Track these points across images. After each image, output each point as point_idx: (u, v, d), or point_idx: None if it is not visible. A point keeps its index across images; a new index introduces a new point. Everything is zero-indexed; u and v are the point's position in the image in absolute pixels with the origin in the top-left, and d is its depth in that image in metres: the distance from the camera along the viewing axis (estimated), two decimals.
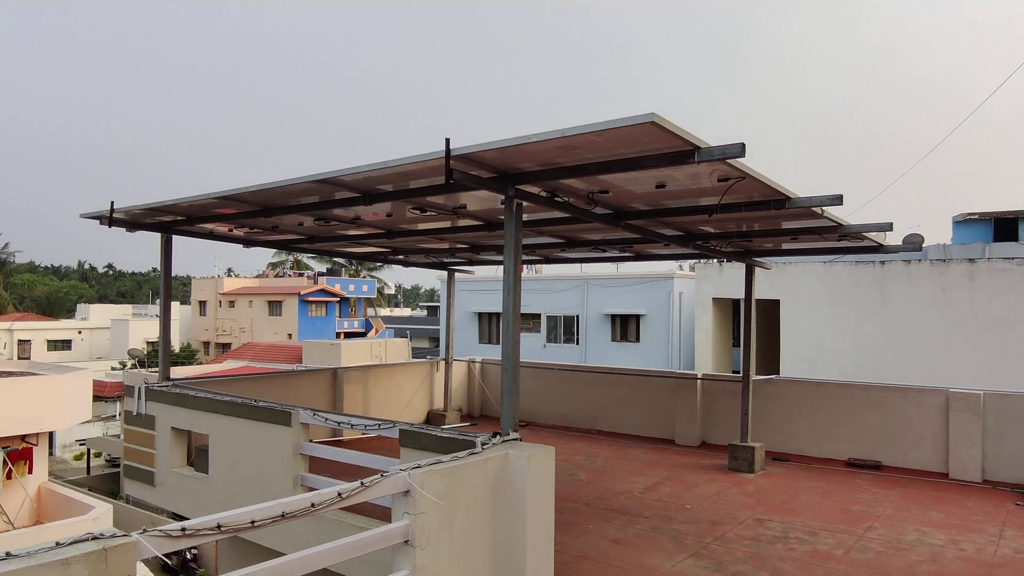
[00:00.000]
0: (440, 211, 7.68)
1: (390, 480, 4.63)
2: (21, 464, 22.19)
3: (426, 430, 6.26)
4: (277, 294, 63.57)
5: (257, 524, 3.90)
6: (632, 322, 32.62)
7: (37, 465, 22.72)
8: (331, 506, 4.28)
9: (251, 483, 7.72)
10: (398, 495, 4.74)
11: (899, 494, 8.81)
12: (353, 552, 4.43)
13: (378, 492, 4.59)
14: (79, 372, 23.92)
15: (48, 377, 23.00)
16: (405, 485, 4.69)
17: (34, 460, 22.49)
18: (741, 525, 7.51)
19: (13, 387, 22.08)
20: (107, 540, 3.24)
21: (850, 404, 10.40)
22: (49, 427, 22.65)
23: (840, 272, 19.36)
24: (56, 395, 22.23)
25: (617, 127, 4.47)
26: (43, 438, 23.03)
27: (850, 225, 7.42)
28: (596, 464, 10.36)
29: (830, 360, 18.87)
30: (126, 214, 8.82)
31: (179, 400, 8.59)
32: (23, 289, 78.40)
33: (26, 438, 22.40)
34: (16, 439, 22.07)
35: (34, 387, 22.36)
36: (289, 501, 4.04)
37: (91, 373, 24.77)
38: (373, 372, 12.80)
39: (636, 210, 7.30)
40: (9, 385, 22.08)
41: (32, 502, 22.28)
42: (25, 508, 22.01)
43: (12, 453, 21.78)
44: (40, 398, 22.00)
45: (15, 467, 21.77)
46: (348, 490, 4.36)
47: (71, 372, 23.83)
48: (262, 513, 3.90)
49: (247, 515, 3.84)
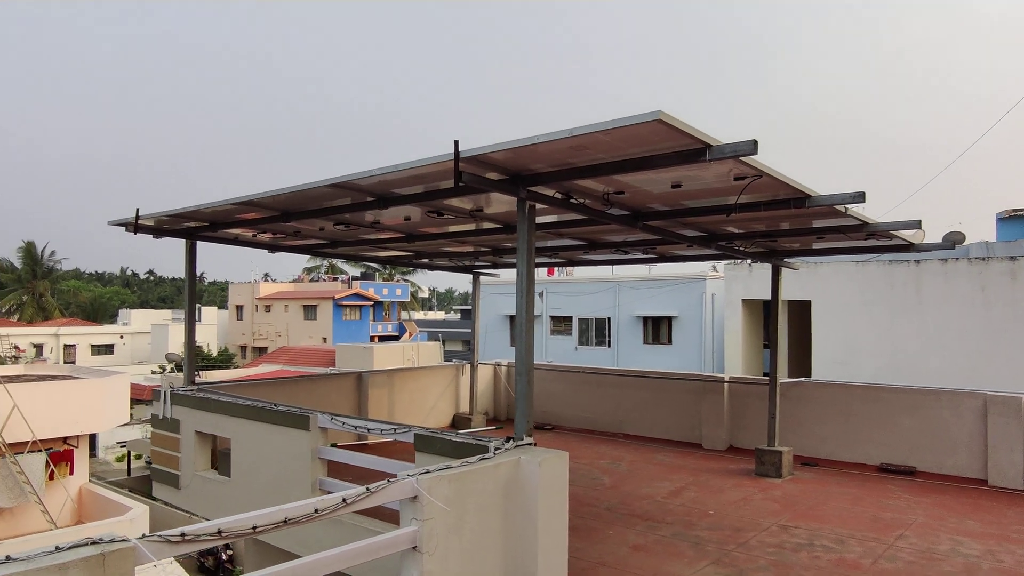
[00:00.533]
0: (457, 214, 7.65)
1: (397, 486, 4.59)
2: (63, 465, 22.74)
3: (440, 435, 6.22)
4: (312, 298, 64.34)
5: (259, 530, 3.89)
6: (664, 324, 32.30)
7: (78, 466, 23.27)
8: (335, 512, 4.25)
9: (271, 487, 7.76)
10: (406, 500, 4.70)
11: (933, 501, 8.52)
12: (359, 558, 4.39)
13: (385, 498, 4.55)
14: (117, 376, 24.47)
15: (88, 381, 23.58)
16: (413, 491, 4.64)
17: (75, 462, 23.06)
18: (765, 532, 7.33)
19: (54, 391, 22.68)
20: (105, 545, 3.24)
21: (882, 408, 10.11)
22: (88, 429, 23.20)
23: (873, 272, 18.85)
24: (95, 399, 22.77)
25: (624, 125, 4.38)
26: (83, 440, 23.59)
27: (876, 223, 7.20)
28: (620, 468, 10.22)
29: (863, 362, 18.37)
30: (152, 221, 8.97)
31: (202, 404, 8.69)
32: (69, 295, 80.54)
33: (67, 440, 22.98)
34: (58, 441, 22.65)
35: (74, 391, 22.94)
36: (292, 507, 4.03)
37: (129, 377, 25.32)
38: (398, 376, 12.82)
39: (654, 210, 7.18)
40: (51, 389, 22.69)
41: (73, 502, 22.83)
42: (67, 508, 22.56)
43: (54, 455, 22.34)
44: (80, 401, 22.55)
45: (57, 468, 22.32)
46: (353, 496, 4.33)
47: (109, 376, 24.39)
48: (264, 519, 3.89)
49: (248, 521, 3.83)
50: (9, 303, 69.72)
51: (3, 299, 70.05)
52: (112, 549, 3.23)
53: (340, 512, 4.28)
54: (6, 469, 20.69)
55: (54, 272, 75.46)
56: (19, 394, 21.07)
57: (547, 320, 36.67)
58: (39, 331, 60.70)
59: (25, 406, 20.97)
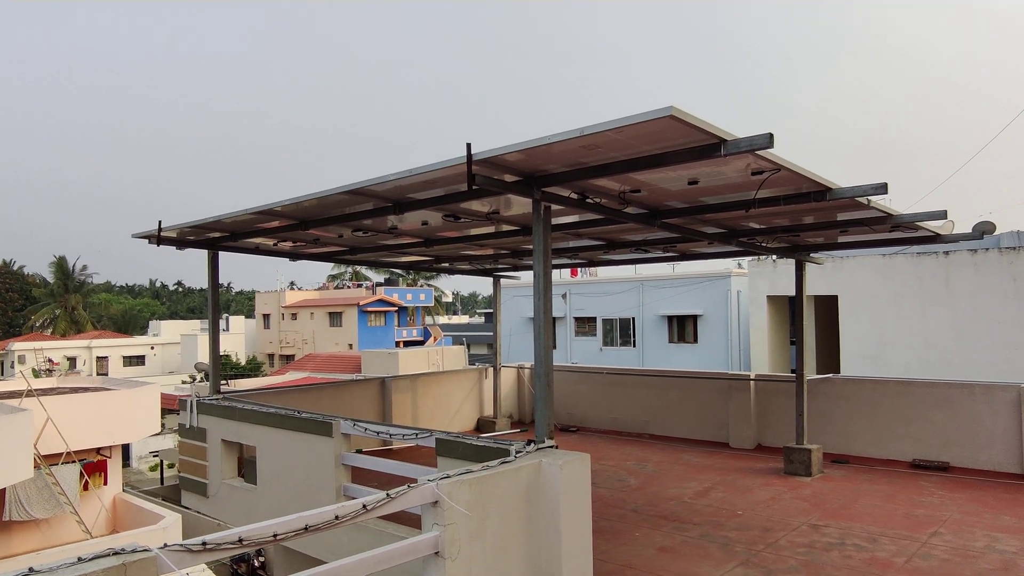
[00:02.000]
0: (473, 217, 7.64)
1: (417, 491, 4.57)
2: (96, 476, 23.11)
3: (461, 439, 6.20)
4: (337, 305, 64.83)
5: (280, 537, 3.90)
6: (689, 323, 32.04)
7: (111, 476, 23.61)
8: (355, 518, 4.24)
9: (296, 494, 7.80)
10: (427, 506, 4.69)
11: (968, 497, 8.32)
12: (381, 564, 4.38)
13: (405, 503, 4.54)
14: (148, 387, 24.77)
15: (119, 392, 23.90)
16: (433, 496, 4.63)
17: (108, 472, 23.43)
18: (795, 532, 7.20)
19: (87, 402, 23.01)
20: (127, 555, 3.26)
21: (913, 402, 9.91)
22: (121, 440, 23.52)
23: (901, 265, 18.48)
24: (126, 409, 23.09)
25: (637, 123, 4.33)
26: (116, 451, 23.95)
27: (901, 215, 7.05)
28: (647, 469, 10.13)
29: (894, 356, 18.02)
30: (175, 232, 9.07)
31: (227, 413, 8.76)
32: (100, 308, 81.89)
33: (100, 451, 23.36)
34: (91, 452, 23.03)
35: (106, 402, 23.27)
36: (312, 514, 4.03)
37: (159, 387, 25.61)
38: (421, 380, 12.84)
39: (672, 208, 7.10)
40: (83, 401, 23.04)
41: (108, 512, 23.19)
42: (101, 518, 22.92)
43: (88, 465, 22.71)
44: (112, 412, 22.89)
45: (91, 479, 22.70)
46: (374, 502, 4.32)
47: (140, 387, 24.72)
48: (284, 527, 3.90)
49: (269, 529, 3.83)
50: (43, 317, 71.14)
51: (37, 313, 71.52)
52: (134, 559, 3.25)
53: (361, 519, 4.27)
54: (42, 480, 21.08)
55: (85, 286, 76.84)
56: (52, 406, 21.45)
57: (571, 321, 36.54)
58: (72, 344, 61.84)
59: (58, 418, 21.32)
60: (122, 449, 25.25)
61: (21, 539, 21.41)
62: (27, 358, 54.09)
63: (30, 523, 21.19)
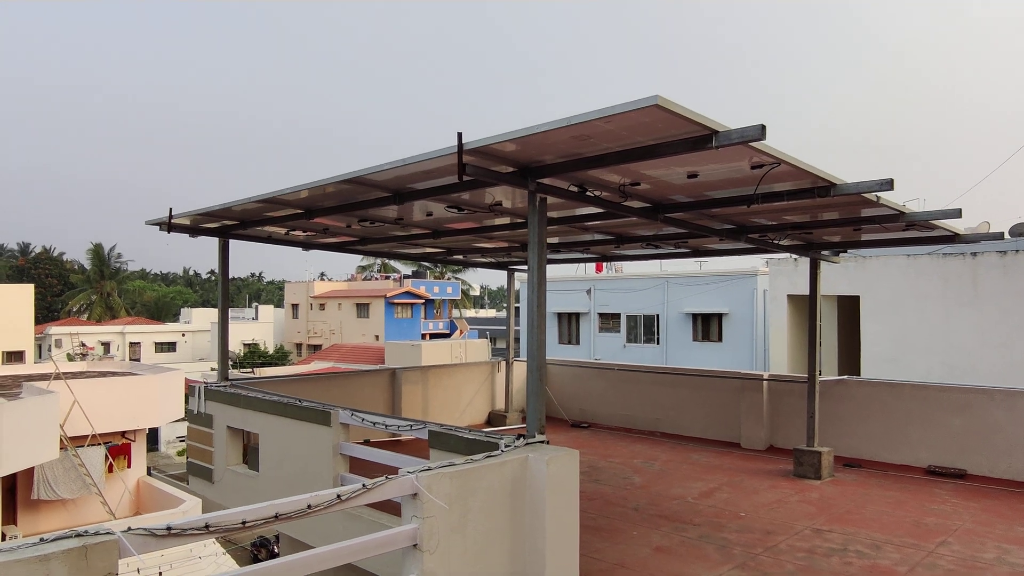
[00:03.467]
0: (475, 209, 7.57)
1: (396, 483, 4.53)
2: (121, 459, 23.61)
3: (453, 431, 6.16)
4: (364, 297, 65.33)
5: (249, 524, 3.89)
6: (714, 321, 31.67)
7: (135, 460, 24.13)
8: (330, 508, 4.22)
9: (296, 482, 7.82)
10: (407, 498, 4.65)
11: (982, 506, 8.06)
12: (357, 555, 4.36)
13: (383, 494, 4.50)
14: (172, 373, 25.26)
15: (144, 377, 24.40)
16: (412, 488, 4.58)
17: (132, 455, 23.91)
18: (797, 536, 7.04)
19: (113, 387, 23.55)
20: (88, 538, 3.26)
21: (929, 407, 9.64)
22: (145, 424, 24.02)
23: (925, 266, 17.97)
24: (151, 394, 23.55)
25: (624, 112, 4.23)
26: (141, 435, 24.44)
27: (914, 212, 6.83)
28: (653, 468, 10.00)
29: (916, 360, 17.55)
30: (187, 220, 9.15)
31: (233, 400, 8.83)
32: (134, 295, 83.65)
33: (125, 434, 23.84)
34: (116, 435, 23.53)
35: (131, 387, 23.78)
36: (283, 503, 4.01)
37: (183, 374, 26.11)
38: (432, 372, 12.83)
39: (675, 202, 6.96)
40: (109, 385, 23.56)
41: (131, 494, 23.67)
42: (125, 500, 23.41)
43: (113, 448, 23.21)
44: (137, 397, 23.38)
45: (115, 462, 23.19)
46: (349, 492, 4.29)
47: (165, 373, 25.19)
48: (255, 514, 3.88)
49: (238, 515, 3.82)
50: (79, 302, 72.84)
51: (74, 299, 73.25)
52: (95, 542, 3.24)
53: (335, 508, 4.25)
54: (68, 462, 21.58)
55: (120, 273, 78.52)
56: (80, 390, 21.96)
57: (595, 317, 36.34)
58: (106, 329, 63.29)
59: (85, 401, 21.85)
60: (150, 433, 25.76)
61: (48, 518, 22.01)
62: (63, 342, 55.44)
63: (57, 503, 21.79)
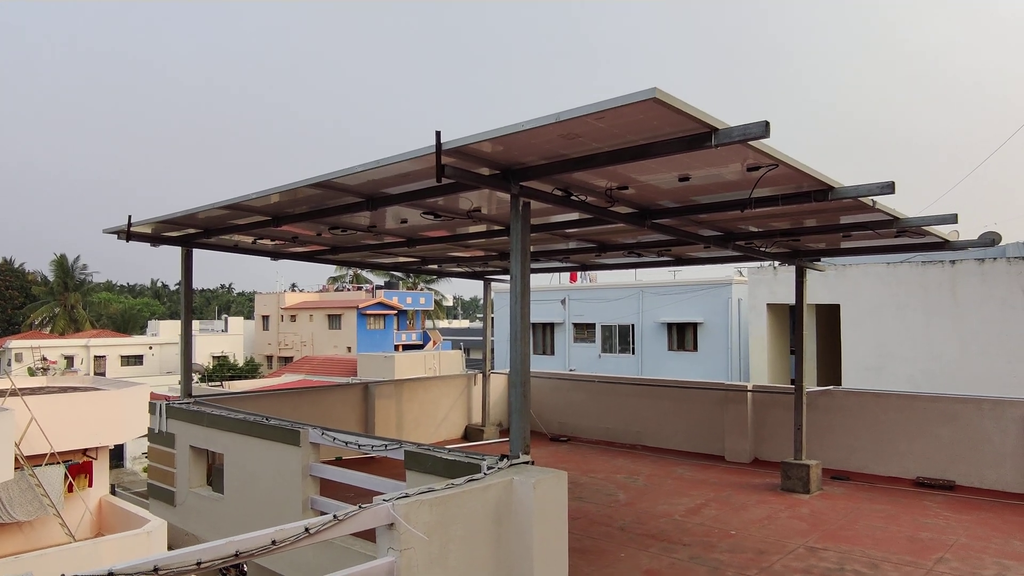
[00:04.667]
0: (452, 215, 7.21)
1: (370, 512, 4.14)
2: (81, 478, 22.66)
3: (431, 452, 5.77)
4: (336, 308, 64.43)
5: (204, 565, 3.47)
6: (689, 330, 31.57)
7: (97, 479, 23.17)
8: (295, 543, 3.81)
9: (263, 505, 7.37)
10: (383, 528, 4.26)
11: (975, 519, 7.85)
12: None
13: (357, 526, 4.11)
14: (136, 387, 24.35)
15: (106, 392, 23.48)
16: (388, 517, 4.19)
17: (94, 474, 22.98)
18: (791, 555, 6.75)
19: (73, 402, 22.60)
20: None
21: (917, 417, 9.45)
22: (107, 441, 23.07)
23: (905, 273, 17.97)
24: (114, 410, 22.64)
25: (618, 106, 3.91)
26: (103, 452, 23.51)
27: (908, 218, 6.61)
28: (637, 483, 9.67)
29: (897, 368, 17.51)
30: (148, 228, 8.65)
31: (196, 418, 8.34)
32: (100, 307, 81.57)
33: (87, 452, 22.92)
34: (77, 453, 22.59)
35: (93, 402, 22.84)
36: (244, 539, 3.60)
37: (148, 388, 25.19)
38: (407, 386, 12.40)
39: (663, 208, 6.67)
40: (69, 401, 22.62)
41: (92, 515, 22.73)
42: (86, 521, 22.47)
43: (73, 467, 22.25)
44: (99, 413, 22.45)
45: (75, 481, 22.26)
46: (318, 525, 3.89)
47: (129, 387, 24.31)
48: (211, 553, 3.47)
49: (193, 555, 3.41)
50: (42, 315, 70.84)
51: (36, 311, 71.21)
52: None
53: (303, 543, 3.84)
54: (25, 482, 20.64)
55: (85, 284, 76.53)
56: (38, 406, 21.04)
57: (570, 327, 36.08)
58: (70, 343, 61.51)
59: (43, 418, 20.92)
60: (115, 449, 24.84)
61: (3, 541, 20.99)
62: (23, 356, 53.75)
63: (12, 525, 20.79)
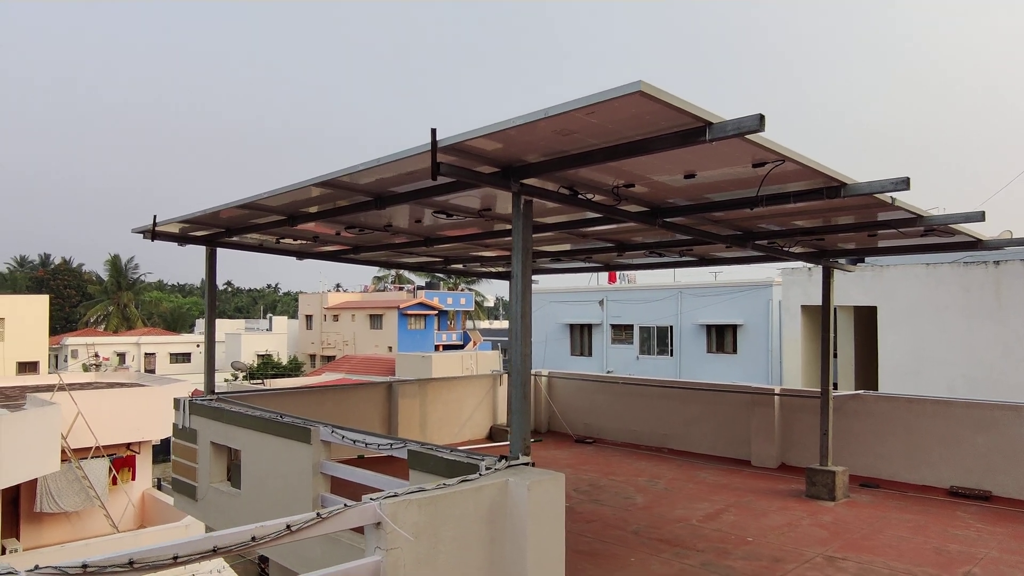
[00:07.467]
0: (465, 214, 7.17)
1: (355, 511, 4.12)
2: (125, 471, 23.36)
3: (434, 451, 5.74)
4: (378, 308, 65.14)
5: (181, 560, 3.49)
6: (728, 332, 31.04)
7: (140, 472, 23.87)
8: (278, 540, 3.82)
9: (277, 501, 7.44)
10: (371, 527, 4.24)
11: (1010, 532, 7.50)
12: None
13: (342, 524, 4.10)
14: (178, 384, 25.03)
15: (150, 389, 24.18)
16: (375, 516, 4.17)
17: (137, 467, 23.66)
18: (808, 564, 6.53)
19: (118, 398, 23.34)
20: None
21: (952, 424, 9.08)
22: (149, 436, 23.73)
23: (946, 274, 17.28)
24: (156, 406, 23.30)
25: (606, 100, 3.82)
26: (146, 447, 24.18)
27: (932, 216, 6.33)
28: (657, 487, 9.51)
29: (936, 373, 16.86)
30: (173, 227, 8.82)
31: (216, 415, 8.47)
32: (151, 306, 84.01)
33: (130, 446, 23.60)
34: (121, 447, 23.29)
35: (137, 398, 23.55)
36: (223, 535, 3.61)
37: (190, 385, 25.84)
38: (431, 386, 12.41)
39: (674, 206, 6.52)
40: (115, 396, 23.35)
41: (135, 507, 23.40)
42: (129, 513, 23.14)
43: (117, 460, 22.97)
44: (142, 409, 23.12)
45: (119, 474, 22.94)
46: (299, 522, 3.89)
47: (171, 384, 24.98)
48: (188, 548, 3.49)
49: (170, 550, 3.43)
50: (96, 313, 73.27)
51: (91, 310, 73.69)
52: None
53: (283, 540, 3.85)
54: (72, 474, 21.34)
55: (138, 284, 78.97)
56: (85, 401, 21.76)
57: (607, 328, 35.79)
58: (122, 340, 63.55)
59: (90, 413, 21.64)
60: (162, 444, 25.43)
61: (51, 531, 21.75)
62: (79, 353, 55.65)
63: (60, 515, 21.53)
